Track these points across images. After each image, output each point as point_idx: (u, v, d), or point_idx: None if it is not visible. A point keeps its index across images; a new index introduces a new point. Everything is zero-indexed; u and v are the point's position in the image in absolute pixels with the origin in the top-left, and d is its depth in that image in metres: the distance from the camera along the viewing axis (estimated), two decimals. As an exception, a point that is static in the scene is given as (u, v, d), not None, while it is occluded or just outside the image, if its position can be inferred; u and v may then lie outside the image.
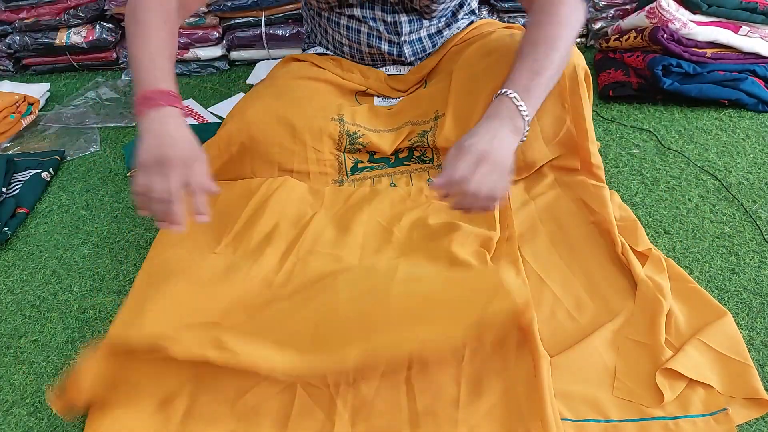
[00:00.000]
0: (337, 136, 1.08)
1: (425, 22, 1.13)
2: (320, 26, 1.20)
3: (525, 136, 0.88)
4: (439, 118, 1.09)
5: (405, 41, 1.14)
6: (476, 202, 0.83)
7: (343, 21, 1.13)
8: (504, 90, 0.87)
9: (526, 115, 0.86)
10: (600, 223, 0.99)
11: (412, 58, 1.16)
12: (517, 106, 0.86)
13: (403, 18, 1.11)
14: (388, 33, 1.12)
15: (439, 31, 1.16)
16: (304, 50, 1.30)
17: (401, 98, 1.18)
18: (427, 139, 1.10)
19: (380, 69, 1.18)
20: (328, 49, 1.23)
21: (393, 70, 1.19)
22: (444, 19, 1.16)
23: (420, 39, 1.15)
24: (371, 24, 1.11)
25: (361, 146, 1.09)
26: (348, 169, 1.10)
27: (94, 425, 0.75)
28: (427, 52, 1.17)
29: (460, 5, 1.17)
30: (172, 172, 0.77)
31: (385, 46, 1.14)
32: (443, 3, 1.10)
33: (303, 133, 1.05)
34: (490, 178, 0.82)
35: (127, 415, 0.75)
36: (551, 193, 1.06)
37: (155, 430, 0.75)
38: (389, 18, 1.11)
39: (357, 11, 1.11)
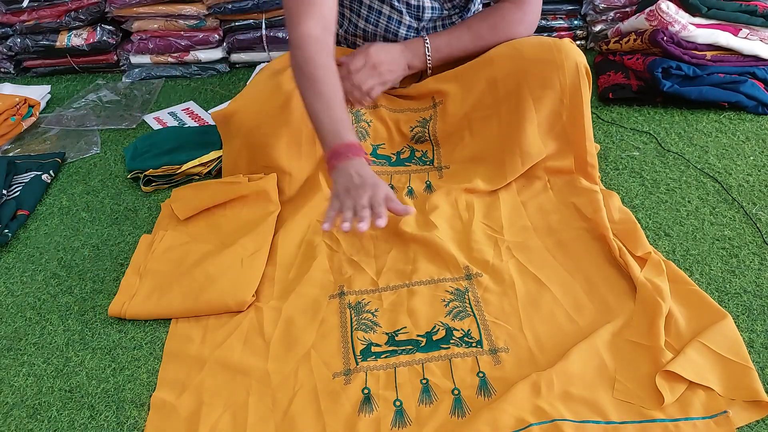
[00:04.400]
0: None
1: (445, 11, 1.15)
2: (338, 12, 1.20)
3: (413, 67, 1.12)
4: (438, 105, 1.12)
5: (424, 27, 1.14)
6: (355, 92, 1.06)
7: (366, 0, 1.12)
8: (427, 40, 1.09)
9: (430, 65, 1.11)
10: (594, 228, 0.99)
11: None
12: (426, 55, 1.10)
13: (427, 3, 1.11)
14: (410, 17, 1.12)
15: (453, 24, 1.18)
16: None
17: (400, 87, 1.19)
18: (428, 128, 1.11)
19: None
20: (339, 39, 1.22)
21: None
22: (459, 8, 1.17)
23: (435, 28, 1.16)
24: (395, 4, 1.11)
25: (365, 125, 1.10)
26: None
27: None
28: None
29: None
30: (360, 195, 0.88)
31: (402, 31, 1.13)
32: None
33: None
34: (370, 81, 1.06)
35: None
36: (543, 197, 1.06)
37: None
38: (413, 1, 1.11)
39: None
